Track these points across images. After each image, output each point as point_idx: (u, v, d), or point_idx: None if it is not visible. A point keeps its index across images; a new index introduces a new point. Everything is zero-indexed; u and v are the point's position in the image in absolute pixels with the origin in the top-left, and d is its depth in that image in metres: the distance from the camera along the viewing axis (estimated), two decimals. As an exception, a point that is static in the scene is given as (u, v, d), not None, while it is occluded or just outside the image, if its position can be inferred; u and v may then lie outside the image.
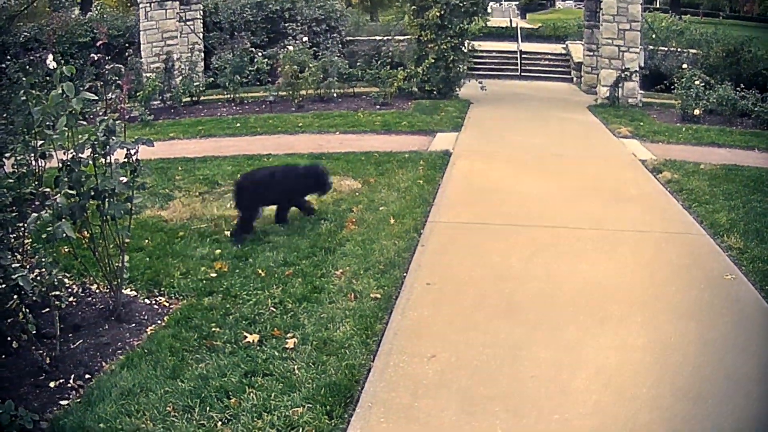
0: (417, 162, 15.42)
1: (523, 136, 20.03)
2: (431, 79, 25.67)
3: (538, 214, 12.26)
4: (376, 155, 16.00)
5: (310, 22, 32.76)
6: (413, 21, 26.06)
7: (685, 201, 13.34)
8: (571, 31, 45.38)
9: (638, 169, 16.19)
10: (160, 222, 11.57)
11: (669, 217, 12.54)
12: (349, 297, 8.52)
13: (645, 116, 23.71)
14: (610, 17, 26.03)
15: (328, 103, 24.45)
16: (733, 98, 23.38)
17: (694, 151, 18.47)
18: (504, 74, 36.17)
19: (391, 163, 15.37)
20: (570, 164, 16.52)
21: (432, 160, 15.56)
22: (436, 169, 14.88)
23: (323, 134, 19.38)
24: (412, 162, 15.31)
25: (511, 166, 15.93)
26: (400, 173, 14.44)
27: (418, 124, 20.60)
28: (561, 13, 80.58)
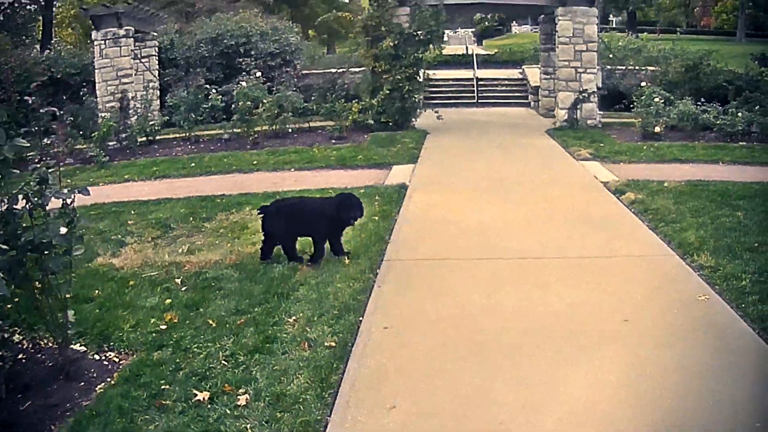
0: (372, 197, 14.95)
1: (480, 164, 19.65)
2: (387, 110, 25.35)
3: (499, 245, 11.81)
4: (331, 192, 15.49)
5: (265, 56, 32.52)
6: (367, 52, 25.84)
7: (651, 221, 12.93)
8: (528, 55, 45.28)
9: (600, 192, 15.82)
10: (111, 270, 11.03)
11: (635, 239, 12.10)
12: (303, 346, 7.97)
13: (605, 137, 23.45)
14: (566, 39, 25.91)
15: (283, 138, 24.06)
16: (694, 113, 23.30)
17: (657, 169, 18.20)
18: (461, 102, 36.09)
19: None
20: (530, 191, 16.09)
21: (388, 195, 15.13)
22: (392, 203, 14.42)
23: (278, 172, 18.97)
24: (368, 197, 14.75)
25: (469, 196, 15.49)
26: (358, 208, 13.99)
27: (374, 157, 20.22)
28: (517, 38, 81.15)
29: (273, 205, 11.24)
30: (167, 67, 31.17)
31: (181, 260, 11.31)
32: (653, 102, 23.51)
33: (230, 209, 14.52)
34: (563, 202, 14.91)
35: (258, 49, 32.60)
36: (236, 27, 33.26)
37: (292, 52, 34.78)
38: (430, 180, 17.23)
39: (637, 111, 23.95)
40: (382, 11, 25.34)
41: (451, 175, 18.07)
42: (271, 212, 11.01)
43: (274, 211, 11.01)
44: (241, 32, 32.91)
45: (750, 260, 10.47)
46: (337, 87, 27.72)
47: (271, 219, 10.96)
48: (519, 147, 22.71)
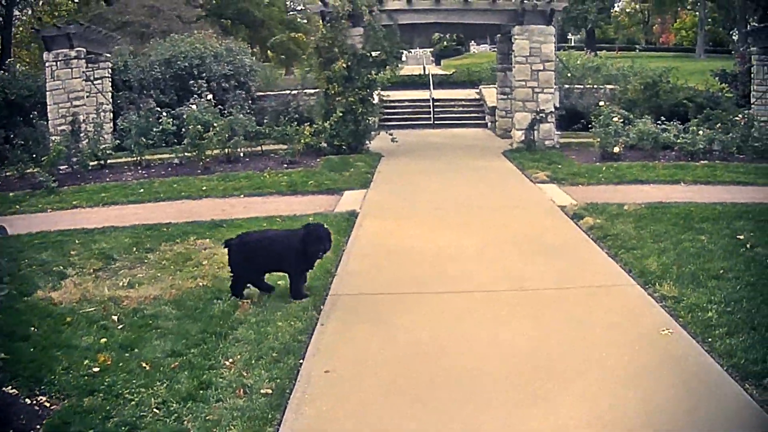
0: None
1: (435, 188, 19.16)
2: (340, 133, 24.76)
3: (452, 276, 11.23)
4: (279, 220, 14.97)
5: (219, 78, 32.10)
6: (320, 74, 25.23)
7: (611, 248, 12.41)
8: (485, 75, 44.92)
9: (558, 217, 15.30)
10: (50, 305, 10.40)
11: (594, 268, 11.57)
12: (239, 393, 7.37)
13: (563, 158, 23.02)
14: (523, 58, 25.52)
15: (235, 163, 23.41)
16: (653, 132, 23.01)
17: (616, 191, 17.78)
18: (417, 123, 35.65)
19: (294, 229, 14.32)
20: (485, 216, 15.57)
21: (337, 223, 14.44)
22: (340, 232, 13.71)
23: (228, 198, 18.37)
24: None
25: (421, 223, 14.91)
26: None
27: (325, 182, 19.62)
28: (475, 58, 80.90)
29: (237, 239, 10.62)
30: (121, 89, 30.51)
31: (121, 295, 10.70)
32: (612, 122, 23.11)
33: (175, 239, 13.85)
34: (520, 228, 14.39)
35: (212, 70, 32.13)
36: (190, 48, 32.84)
37: (246, 73, 34.34)
38: (381, 206, 16.72)
39: (595, 131, 23.46)
40: (336, 32, 24.78)
41: (403, 200, 17.55)
42: (236, 246, 10.43)
43: (238, 245, 10.43)
44: (195, 54, 32.48)
45: (715, 289, 10.00)
46: (290, 110, 27.20)
47: (236, 254, 10.39)
48: (475, 170, 22.22)
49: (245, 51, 36.08)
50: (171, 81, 31.66)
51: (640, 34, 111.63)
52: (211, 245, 13.15)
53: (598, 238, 13.13)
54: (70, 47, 25.53)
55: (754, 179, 18.82)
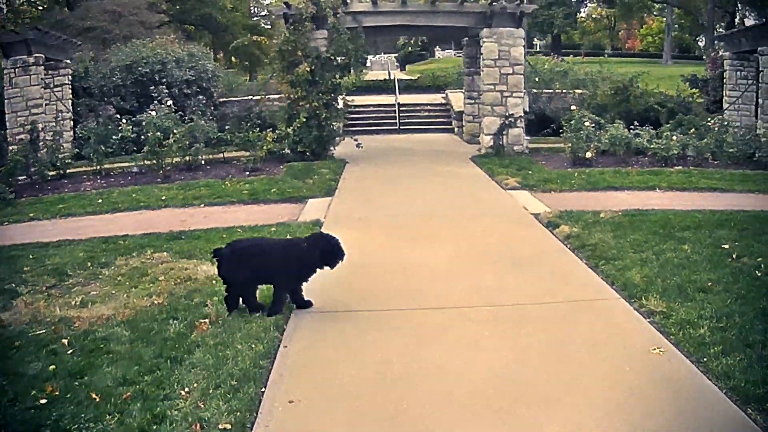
0: (283, 236, 13.64)
1: (401, 196, 18.56)
2: (303, 139, 24.11)
3: (424, 292, 10.56)
4: (239, 231, 14.28)
5: (181, 84, 31.42)
6: (283, 78, 24.55)
7: (590, 259, 11.80)
8: (451, 80, 44.61)
9: (532, 225, 14.72)
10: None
11: (574, 280, 10.93)
12: (195, 429, 6.64)
13: (533, 164, 22.53)
14: (491, 62, 25.00)
15: (196, 171, 22.74)
16: (626, 137, 22.63)
17: (590, 198, 17.30)
18: (383, 129, 35.12)
19: (255, 240, 13.65)
20: (456, 226, 14.91)
21: (299, 235, 13.61)
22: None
23: (188, 208, 17.69)
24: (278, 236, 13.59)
25: (389, 234, 14.28)
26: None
27: (288, 190, 18.97)
28: (440, 63, 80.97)
29: (228, 248, 9.84)
30: (81, 96, 29.61)
31: (73, 315, 9.92)
32: (583, 126, 22.56)
33: (131, 252, 13.11)
34: (492, 238, 13.77)
35: (173, 76, 31.37)
36: (152, 54, 31.99)
37: (208, 79, 33.64)
38: (347, 215, 16.01)
39: (566, 136, 22.99)
40: (299, 35, 24.09)
41: (369, 208, 16.86)
42: (226, 255, 9.66)
43: (229, 255, 9.66)
44: (157, 59, 31.63)
45: (705, 302, 9.40)
46: (252, 115, 26.52)
47: (227, 263, 9.61)
48: (443, 176, 21.65)
49: (207, 56, 35.46)
50: (132, 87, 30.85)
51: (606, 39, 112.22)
52: (169, 259, 12.48)
53: (575, 248, 12.53)
54: (29, 53, 24.74)
55: (731, 185, 18.50)
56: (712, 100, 32.67)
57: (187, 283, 10.96)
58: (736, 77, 28.95)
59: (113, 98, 29.97)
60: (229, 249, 9.75)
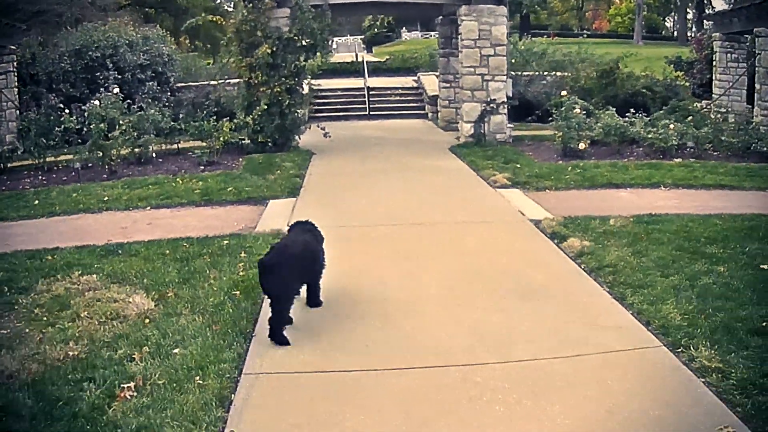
0: (237, 253, 11.47)
1: (376, 197, 16.22)
2: (265, 128, 21.89)
3: (410, 339, 8.27)
4: (185, 245, 12.03)
5: (134, 68, 29.23)
6: (241, 62, 22.22)
7: (613, 286, 9.65)
8: (422, 62, 42.72)
9: (534, 237, 12.51)
10: None
11: (601, 319, 8.69)
12: None
13: (520, 155, 20.57)
14: (471, 42, 22.79)
15: (145, 165, 20.51)
16: (621, 126, 20.60)
17: (591, 198, 15.43)
18: (351, 115, 32.95)
19: (203, 258, 11.36)
20: (443, 238, 12.61)
21: (257, 250, 11.42)
22: (260, 266, 10.92)
23: (131, 210, 15.47)
24: (231, 254, 11.43)
25: (363, 250, 11.95)
26: (212, 277, 10.40)
27: (246, 189, 16.69)
28: (408, 45, 79.57)
29: (276, 256, 8.48)
30: (29, 84, 27.39)
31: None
32: (573, 114, 20.37)
33: (57, 273, 10.83)
34: (490, 255, 11.48)
35: (126, 60, 29.16)
36: (103, 37, 29.70)
37: (164, 63, 31.48)
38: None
39: (557, 125, 20.91)
40: (258, 13, 21.88)
41: (339, 214, 14.40)
42: (278, 266, 8.30)
43: (281, 263, 8.35)
44: (108, 43, 29.36)
45: (764, 351, 7.38)
46: (208, 102, 24.18)
47: (279, 275, 8.24)
48: (421, 171, 19.31)
49: (163, 39, 33.04)
50: (82, 73, 28.58)
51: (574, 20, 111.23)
52: (98, 284, 10.18)
53: (592, 269, 10.38)
54: (-31, 40, 22.50)
55: (738, 182, 16.79)
56: (698, 84, 31.96)
57: (114, 323, 8.72)
58: (726, 60, 27.61)
59: (62, 85, 27.86)
60: (278, 256, 8.46)
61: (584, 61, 33.03)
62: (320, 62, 24.22)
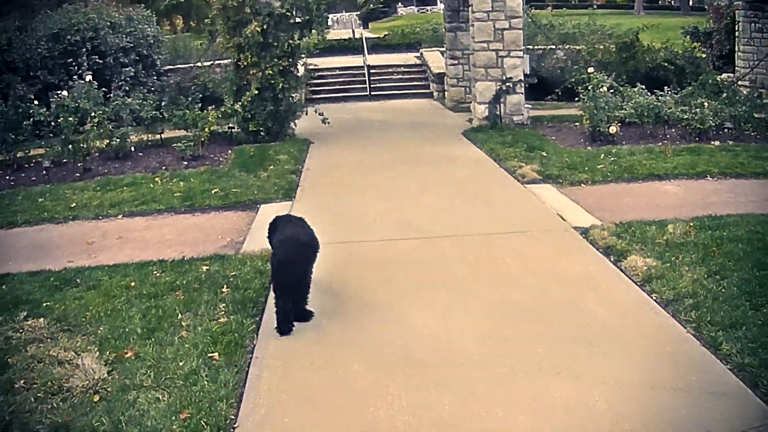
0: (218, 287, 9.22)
1: (384, 198, 13.92)
2: (256, 116, 19.61)
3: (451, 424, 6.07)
4: (155, 273, 9.82)
5: (117, 52, 26.93)
6: (228, 41, 19.97)
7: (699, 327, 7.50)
8: (425, 37, 40.16)
9: (585, 254, 10.23)
10: None
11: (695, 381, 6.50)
12: None
13: (544, 141, 18.32)
14: (484, 14, 20.44)
15: (124, 160, 18.25)
16: (655, 106, 18.35)
17: (635, 194, 13.40)
18: (351, 95, 30.51)
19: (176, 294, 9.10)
20: (471, 257, 10.27)
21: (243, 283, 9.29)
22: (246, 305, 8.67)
23: (102, 220, 13.31)
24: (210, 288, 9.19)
25: (376, 278, 9.65)
26: (185, 325, 8.14)
27: (234, 190, 14.47)
28: (404, 20, 77.87)
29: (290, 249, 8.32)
30: (5, 72, 25.34)
31: None
32: (601, 93, 18.20)
33: (0, 314, 8.72)
34: (537, 283, 9.17)
35: (108, 43, 26.89)
36: (84, 19, 27.34)
37: (149, 45, 29.19)
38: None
39: (583, 105, 18.66)
40: (245, -13, 19.52)
41: (343, 225, 12.09)
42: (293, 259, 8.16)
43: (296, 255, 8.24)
44: (89, 25, 27.06)
45: None
46: (193, 87, 21.83)
47: (294, 268, 8.11)
48: (435, 162, 17.01)
49: (149, 19, 30.64)
50: (60, 59, 26.28)
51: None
52: (43, 334, 8.04)
53: (667, 301, 8.21)
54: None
55: None
56: (718, 55, 29.64)
57: (53, 401, 6.58)
58: (750, 30, 25.57)
59: (40, 72, 25.69)
60: (293, 249, 8.29)
61: (595, 33, 31.16)
62: (317, 40, 21.89)
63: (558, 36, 31.85)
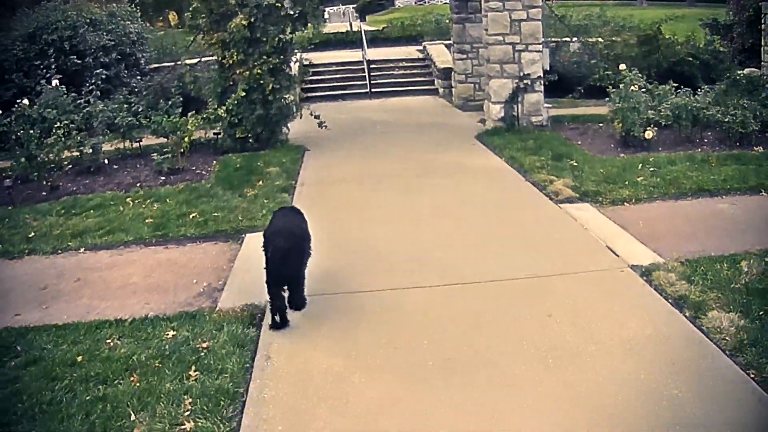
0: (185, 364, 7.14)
1: (394, 223, 11.71)
2: (243, 120, 17.52)
3: None
4: (110, 340, 7.74)
5: (97, 51, 25.02)
6: (211, 37, 17.93)
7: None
8: (427, 29, 38.19)
9: (652, 305, 8.05)
10: None
11: None
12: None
13: (569, 146, 16.38)
14: (499, 3, 18.37)
15: (96, 174, 16.24)
16: (694, 107, 16.44)
17: (688, 215, 11.56)
18: (350, 93, 28.39)
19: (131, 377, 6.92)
20: (510, 316, 7.98)
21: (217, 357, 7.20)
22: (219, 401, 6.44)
23: (60, 255, 11.22)
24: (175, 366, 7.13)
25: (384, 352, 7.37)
26: (138, 431, 6.11)
27: (215, 214, 12.34)
28: (402, 12, 76.04)
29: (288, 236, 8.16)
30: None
31: None
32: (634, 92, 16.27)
33: None
34: (599, 354, 7.02)
35: (87, 42, 25.03)
36: (62, 17, 25.56)
37: (132, 42, 27.27)
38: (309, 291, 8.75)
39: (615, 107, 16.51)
40: (232, -24, 17.49)
41: (345, 262, 9.94)
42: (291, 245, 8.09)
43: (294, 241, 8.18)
44: (67, 23, 25.25)
45: None
46: (175, 89, 19.60)
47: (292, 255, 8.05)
48: (448, 173, 14.86)
49: (132, 15, 28.76)
50: (36, 60, 24.43)
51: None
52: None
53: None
54: None
55: None
56: (739, 49, 27.61)
57: None
58: None
59: (15, 75, 23.90)
60: (292, 237, 8.21)
61: (607, 25, 29.81)
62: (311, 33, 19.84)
63: (569, 28, 29.91)
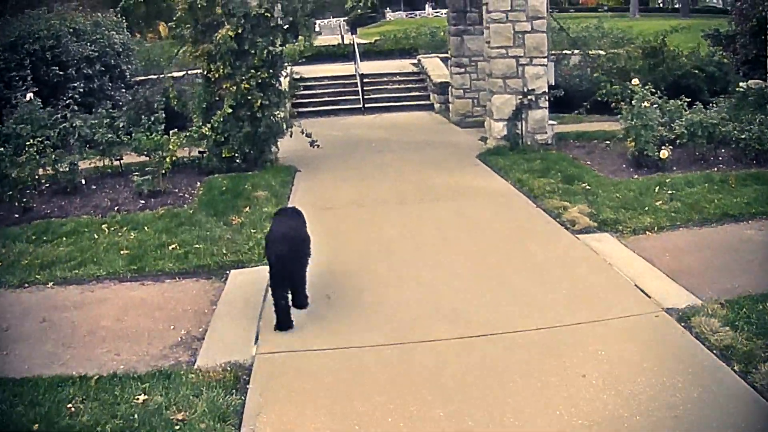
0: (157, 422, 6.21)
1: (395, 256, 10.65)
2: (230, 139, 16.50)
3: None
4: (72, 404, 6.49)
5: (80, 62, 24.13)
6: (196, 48, 16.94)
7: None
8: (421, 42, 37.68)
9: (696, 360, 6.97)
10: None
11: None
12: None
13: (578, 167, 15.46)
14: (502, 15, 17.48)
15: (73, 195, 15.20)
16: (710, 124, 15.51)
17: (716, 245, 10.63)
18: (342, 109, 27.47)
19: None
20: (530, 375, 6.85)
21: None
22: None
23: (25, 290, 10.09)
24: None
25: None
26: None
27: (197, 246, 11.19)
28: (393, 25, 77.29)
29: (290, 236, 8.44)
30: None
31: None
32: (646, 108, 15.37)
33: None
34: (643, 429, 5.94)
35: (70, 53, 24.11)
36: (45, 26, 24.66)
37: (117, 54, 26.43)
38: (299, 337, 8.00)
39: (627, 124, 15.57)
40: (216, -17, 16.54)
41: (340, 307, 8.81)
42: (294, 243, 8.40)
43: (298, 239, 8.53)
44: (50, 33, 24.33)
45: None
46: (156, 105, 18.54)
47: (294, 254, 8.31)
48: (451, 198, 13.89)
49: (118, 25, 28.04)
50: (17, 70, 23.15)
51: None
52: None
53: None
54: None
55: None
56: (743, 60, 26.85)
57: None
58: None
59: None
60: (292, 242, 8.37)
61: (606, 37, 29.83)
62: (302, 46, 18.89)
63: (568, 40, 29.12)
